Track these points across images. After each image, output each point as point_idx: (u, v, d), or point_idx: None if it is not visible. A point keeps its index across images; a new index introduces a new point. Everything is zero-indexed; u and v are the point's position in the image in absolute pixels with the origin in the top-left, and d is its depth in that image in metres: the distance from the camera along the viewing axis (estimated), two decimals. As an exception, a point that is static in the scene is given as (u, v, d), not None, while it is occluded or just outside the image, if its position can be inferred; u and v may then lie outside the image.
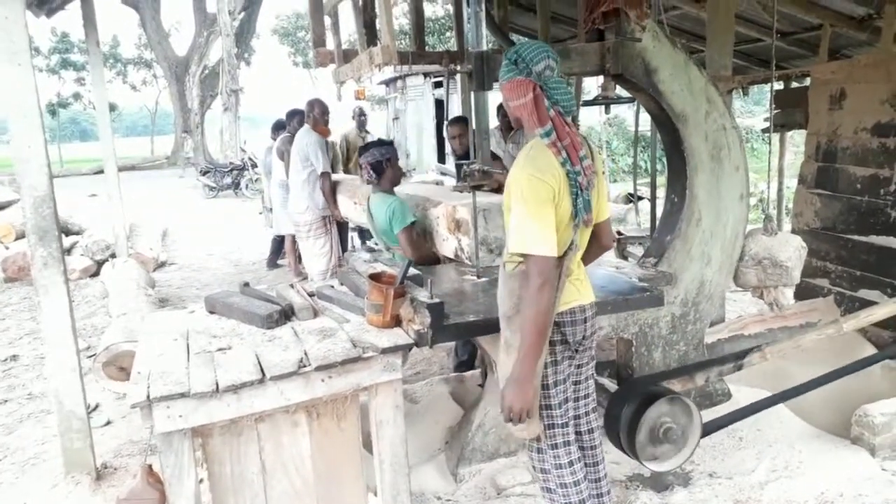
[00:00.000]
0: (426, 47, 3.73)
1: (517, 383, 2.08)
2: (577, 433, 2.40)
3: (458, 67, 2.86)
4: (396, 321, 2.67)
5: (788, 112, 6.08)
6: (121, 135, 62.02)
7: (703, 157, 3.29)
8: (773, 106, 6.61)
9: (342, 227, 6.22)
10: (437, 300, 2.54)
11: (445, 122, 5.28)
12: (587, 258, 2.40)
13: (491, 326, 2.68)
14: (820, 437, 3.39)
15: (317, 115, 5.69)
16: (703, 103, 3.24)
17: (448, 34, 21.63)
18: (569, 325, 2.23)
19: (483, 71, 2.82)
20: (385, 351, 2.47)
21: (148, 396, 2.17)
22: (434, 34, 23.11)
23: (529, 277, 2.06)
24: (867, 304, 4.24)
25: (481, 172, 3.01)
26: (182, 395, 2.20)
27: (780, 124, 6.23)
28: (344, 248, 7.44)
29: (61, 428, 2.98)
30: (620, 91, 4.21)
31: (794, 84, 7.68)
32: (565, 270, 2.16)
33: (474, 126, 2.97)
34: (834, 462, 3.16)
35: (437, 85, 16.56)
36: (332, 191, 5.43)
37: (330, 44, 3.77)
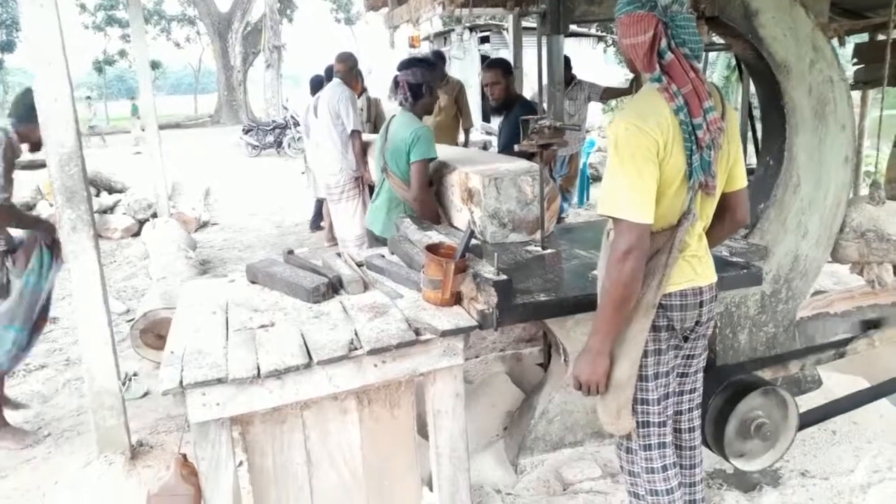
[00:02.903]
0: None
1: (587, 353, 1.90)
2: (677, 430, 2.09)
3: (531, 8, 2.48)
4: (456, 299, 2.37)
5: (872, 68, 5.51)
6: (165, 93, 62.59)
7: (805, 113, 2.88)
8: (857, 61, 5.98)
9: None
10: (504, 277, 2.23)
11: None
12: (717, 234, 2.05)
13: (564, 307, 2.39)
14: (926, 434, 3.02)
15: (346, 69, 5.35)
16: (809, 51, 2.81)
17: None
18: (677, 310, 1.90)
19: (559, 11, 2.46)
20: (445, 333, 2.17)
21: (181, 382, 1.92)
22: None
23: (615, 243, 1.79)
24: (972, 281, 3.79)
25: (552, 129, 2.66)
26: (219, 381, 1.95)
27: (863, 81, 5.68)
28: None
29: (93, 405, 2.77)
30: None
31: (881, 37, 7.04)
32: (678, 243, 1.83)
33: (546, 75, 2.61)
34: (947, 463, 2.79)
35: (483, 40, 16.05)
36: (362, 150, 5.10)
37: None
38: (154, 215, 7.49)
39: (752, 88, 3.50)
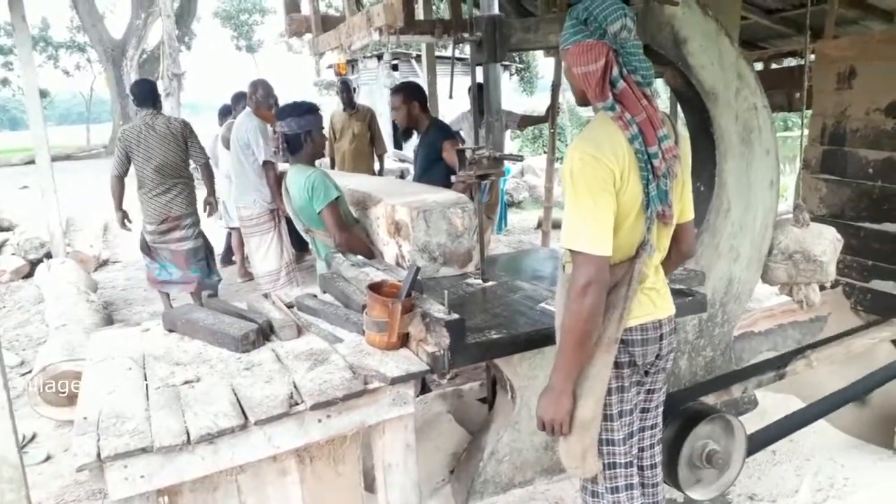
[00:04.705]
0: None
1: (550, 392, 1.80)
2: (639, 468, 2.00)
3: (465, 35, 2.40)
4: (403, 341, 2.22)
5: (768, 94, 5.80)
6: (53, 123, 59.22)
7: (732, 139, 2.92)
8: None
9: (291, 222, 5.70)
10: (455, 316, 2.10)
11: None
12: (663, 267, 1.98)
13: (517, 344, 2.29)
14: (859, 449, 3.10)
15: (259, 97, 5.15)
16: (734, 79, 2.87)
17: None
18: (639, 345, 1.83)
19: (495, 39, 2.39)
20: (395, 381, 2.02)
21: (99, 454, 1.68)
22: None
23: (573, 277, 1.71)
24: (880, 295, 3.98)
25: (491, 159, 2.57)
26: (143, 451, 1.72)
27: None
28: (303, 247, 6.84)
29: (-13, 479, 2.43)
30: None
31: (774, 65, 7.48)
32: (637, 275, 1.77)
33: (484, 104, 2.53)
34: (883, 477, 2.86)
35: (393, 69, 16.03)
36: (277, 182, 4.89)
37: (305, 9, 3.25)
38: (48, 255, 6.92)
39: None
